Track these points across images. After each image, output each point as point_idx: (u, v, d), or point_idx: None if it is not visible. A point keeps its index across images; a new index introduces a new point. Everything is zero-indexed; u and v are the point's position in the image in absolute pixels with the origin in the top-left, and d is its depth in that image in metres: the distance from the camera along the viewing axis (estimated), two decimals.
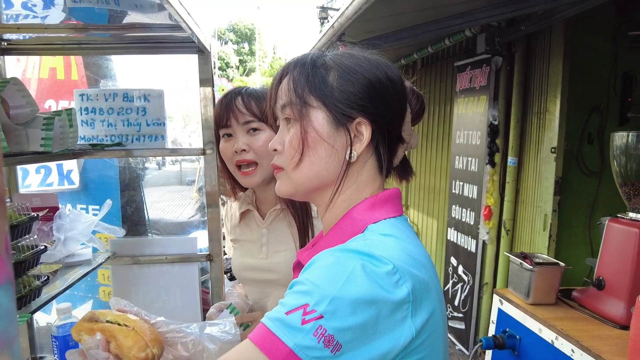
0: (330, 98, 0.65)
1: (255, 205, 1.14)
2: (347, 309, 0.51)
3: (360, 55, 0.68)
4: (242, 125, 1.03)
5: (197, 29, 1.13)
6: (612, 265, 1.59)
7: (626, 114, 2.46)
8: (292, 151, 0.67)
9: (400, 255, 0.58)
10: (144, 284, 1.39)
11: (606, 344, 1.40)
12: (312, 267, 0.58)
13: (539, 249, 2.54)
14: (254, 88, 1.07)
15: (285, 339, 0.51)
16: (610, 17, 2.38)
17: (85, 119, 1.32)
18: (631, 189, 1.62)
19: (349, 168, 0.66)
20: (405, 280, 0.55)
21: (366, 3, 1.81)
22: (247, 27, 29.43)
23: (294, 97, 0.66)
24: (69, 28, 1.15)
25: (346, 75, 0.65)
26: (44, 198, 1.20)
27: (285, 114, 0.69)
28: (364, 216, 0.66)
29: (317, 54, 0.69)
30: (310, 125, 0.65)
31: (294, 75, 0.68)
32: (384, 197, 0.68)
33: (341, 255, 0.57)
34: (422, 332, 0.56)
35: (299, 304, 0.53)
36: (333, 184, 0.67)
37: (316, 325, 0.51)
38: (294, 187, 0.69)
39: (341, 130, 0.65)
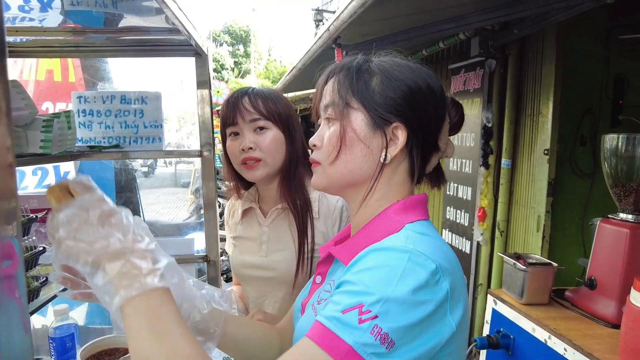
0: (370, 101, 0.69)
1: (258, 204, 1.15)
2: (401, 310, 0.55)
3: (404, 63, 0.72)
4: (249, 124, 1.05)
5: (195, 32, 1.14)
6: (604, 265, 1.61)
7: (618, 116, 2.50)
8: (330, 148, 0.71)
9: (438, 253, 0.62)
10: None
11: (598, 343, 1.42)
12: (361, 267, 0.61)
13: (532, 250, 2.57)
14: (261, 88, 1.09)
15: (345, 336, 0.54)
16: (602, 20, 2.41)
17: (83, 121, 1.33)
18: (622, 190, 1.64)
19: (383, 169, 0.70)
20: (445, 278, 0.59)
21: (361, 7, 1.83)
22: (242, 29, 29.42)
23: (336, 98, 0.71)
24: (66, 31, 1.16)
25: (388, 81, 0.69)
26: (42, 199, 1.20)
27: (327, 113, 0.73)
28: (400, 216, 0.70)
29: (364, 59, 0.73)
30: (350, 125, 0.70)
31: (339, 77, 0.72)
32: (416, 200, 0.72)
33: (391, 254, 0.60)
34: (459, 327, 0.61)
35: (354, 303, 0.56)
36: (365, 183, 0.71)
37: (372, 324, 0.54)
38: (328, 182, 0.73)
39: (378, 133, 0.69)
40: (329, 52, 2.81)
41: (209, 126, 1.29)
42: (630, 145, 1.60)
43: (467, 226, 3.09)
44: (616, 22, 2.41)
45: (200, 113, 1.28)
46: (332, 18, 2.34)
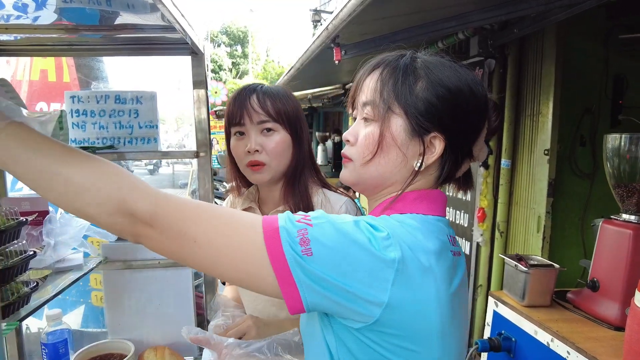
0: (412, 108, 0.67)
1: (257, 204, 1.12)
2: (334, 235, 0.58)
3: (450, 65, 0.69)
4: (256, 125, 1.00)
5: (191, 30, 1.11)
6: (606, 266, 1.59)
7: (617, 116, 2.49)
8: (365, 150, 0.69)
9: (404, 235, 0.61)
10: (137, 289, 1.37)
11: (601, 346, 1.40)
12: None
13: (532, 251, 2.55)
14: (269, 86, 1.05)
15: (280, 220, 0.61)
16: (602, 20, 2.40)
17: (76, 121, 1.30)
18: (624, 191, 1.62)
19: (416, 176, 0.69)
20: (397, 247, 0.59)
21: (361, 5, 1.80)
22: (240, 29, 29.39)
23: (378, 99, 0.68)
24: (59, 29, 1.13)
25: (433, 87, 0.67)
26: (34, 202, 1.18)
27: (365, 112, 0.70)
28: (404, 206, 0.69)
29: (410, 57, 0.70)
30: (388, 129, 0.68)
31: (383, 75, 0.69)
32: (429, 194, 0.71)
33: (350, 218, 0.62)
34: (398, 307, 0.58)
35: (305, 214, 0.63)
36: (391, 185, 0.71)
37: (303, 227, 0.59)
38: (357, 180, 0.73)
39: (415, 140, 0.68)
40: (327, 51, 2.79)
41: (205, 127, 1.26)
42: (634, 145, 1.58)
43: (466, 227, 3.07)
44: (616, 22, 2.40)
45: (196, 113, 1.26)
46: (331, 17, 2.32)
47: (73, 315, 1.98)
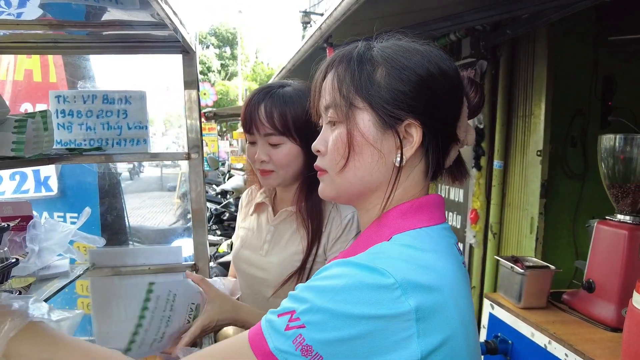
0: (377, 98, 0.60)
1: (273, 201, 1.14)
2: (332, 323, 0.50)
3: (411, 47, 0.63)
4: (263, 137, 1.01)
5: (182, 28, 1.08)
6: (602, 267, 1.59)
7: (607, 117, 2.50)
8: (337, 156, 0.63)
9: (408, 268, 0.54)
10: (125, 296, 1.31)
11: (599, 347, 1.39)
12: (316, 275, 0.56)
13: (526, 252, 2.55)
14: (282, 92, 1.01)
15: (269, 340, 0.53)
16: (592, 22, 2.42)
17: (62, 122, 1.25)
18: (619, 191, 1.62)
19: (399, 173, 0.62)
20: (409, 296, 0.51)
21: (355, 4, 1.78)
22: (228, 31, 29.24)
23: (338, 98, 0.62)
24: (43, 24, 1.08)
25: (395, 72, 0.60)
26: (17, 206, 1.12)
27: (329, 115, 0.64)
28: (392, 225, 0.62)
29: (365, 47, 0.64)
30: (356, 128, 0.61)
31: (338, 71, 0.63)
32: (419, 204, 0.63)
33: (342, 268, 0.55)
34: (434, 353, 0.52)
35: (289, 308, 0.54)
36: (377, 189, 0.64)
37: (296, 334, 0.52)
38: (337, 191, 0.66)
39: (389, 133, 0.61)
40: (320, 52, 2.77)
41: (197, 128, 1.22)
42: (628, 146, 1.58)
43: (459, 228, 3.07)
44: (605, 23, 2.42)
45: (187, 114, 1.22)
46: (324, 16, 2.30)
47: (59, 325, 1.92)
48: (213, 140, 10.70)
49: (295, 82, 1.07)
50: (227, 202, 5.47)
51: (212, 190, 6.73)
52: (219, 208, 5.23)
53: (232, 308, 0.93)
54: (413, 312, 0.51)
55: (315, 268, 1.02)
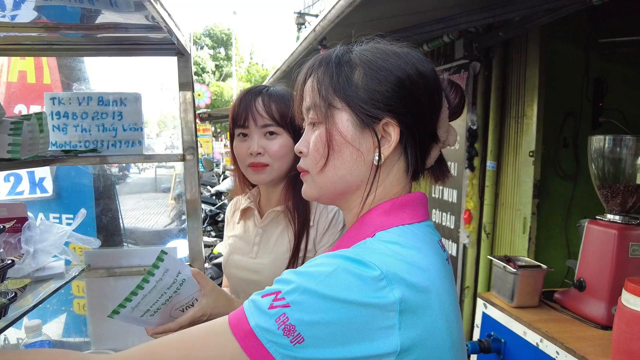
0: (354, 98, 0.62)
1: (258, 205, 1.14)
2: (317, 304, 0.51)
3: (389, 49, 0.65)
4: (260, 128, 1.01)
5: (177, 30, 1.08)
6: (592, 266, 1.61)
7: (598, 118, 2.54)
8: (317, 155, 0.65)
9: (395, 263, 0.55)
10: (121, 297, 1.32)
11: (590, 345, 1.41)
12: (303, 265, 0.57)
13: (518, 252, 2.58)
14: (275, 89, 1.04)
15: (250, 318, 0.53)
16: (583, 25, 2.45)
17: (57, 123, 1.25)
18: (609, 191, 1.65)
19: (378, 171, 0.64)
20: (394, 287, 0.52)
21: (349, 6, 1.80)
22: (223, 32, 29.19)
23: (317, 99, 0.64)
24: (38, 27, 1.09)
25: (372, 72, 0.62)
26: (11, 208, 1.12)
27: (310, 117, 0.66)
28: (375, 222, 0.63)
29: (343, 50, 0.66)
30: (335, 127, 0.63)
31: (318, 74, 0.65)
32: (401, 202, 0.65)
33: (329, 259, 0.55)
34: (413, 348, 0.53)
35: (274, 289, 0.55)
36: (358, 188, 0.65)
37: (280, 312, 0.52)
38: (319, 191, 0.67)
39: (367, 132, 0.63)
40: (314, 53, 2.77)
41: (192, 129, 1.23)
42: (617, 147, 1.60)
43: (453, 229, 3.09)
44: (596, 26, 2.45)
45: (182, 115, 1.23)
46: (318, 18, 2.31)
47: (54, 324, 1.91)
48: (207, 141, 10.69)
49: (282, 86, 1.09)
50: (221, 203, 5.46)
51: (207, 192, 6.72)
52: (214, 209, 5.22)
53: (227, 302, 0.93)
54: (397, 303, 0.52)
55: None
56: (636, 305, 1.20)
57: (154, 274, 0.81)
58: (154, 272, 0.81)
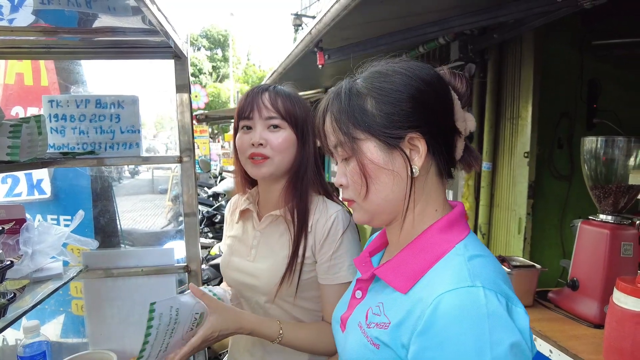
0: (374, 126, 0.66)
1: (257, 206, 1.13)
2: None
3: (389, 70, 0.68)
4: (264, 120, 1.02)
5: (174, 33, 1.10)
6: (585, 266, 1.63)
7: (592, 119, 2.56)
8: (357, 186, 0.68)
9: (497, 276, 0.61)
10: (119, 297, 1.33)
11: (582, 344, 1.43)
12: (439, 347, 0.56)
13: (514, 252, 2.60)
14: (282, 87, 1.06)
15: None
16: (576, 27, 2.48)
17: (55, 126, 1.26)
18: (601, 192, 1.67)
19: (415, 183, 0.67)
20: (517, 303, 0.59)
21: (344, 10, 1.81)
22: (220, 33, 29.19)
23: (341, 137, 0.68)
24: (36, 31, 1.10)
25: (382, 97, 0.66)
26: (9, 210, 1.13)
27: (339, 154, 0.70)
28: (447, 234, 0.67)
29: (349, 83, 0.69)
30: (365, 158, 0.67)
31: (333, 113, 0.69)
32: (457, 214, 0.69)
33: (467, 320, 0.55)
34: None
35: None
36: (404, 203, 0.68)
37: None
38: (370, 215, 0.71)
39: (396, 152, 0.66)
40: (310, 55, 2.80)
41: (188, 131, 1.24)
42: (609, 148, 1.62)
43: None
44: (589, 28, 2.48)
45: (179, 117, 1.24)
46: (314, 21, 2.33)
47: (52, 325, 1.92)
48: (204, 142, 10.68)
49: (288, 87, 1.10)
50: (218, 205, 5.46)
51: (204, 193, 6.72)
52: (211, 210, 5.22)
53: (235, 317, 0.94)
54: (527, 316, 0.60)
55: (305, 270, 1.02)
56: (627, 304, 1.22)
57: (152, 325, 0.83)
58: (152, 324, 0.83)
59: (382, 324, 0.65)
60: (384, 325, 0.65)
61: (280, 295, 1.03)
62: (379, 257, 0.81)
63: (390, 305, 0.66)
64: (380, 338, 0.64)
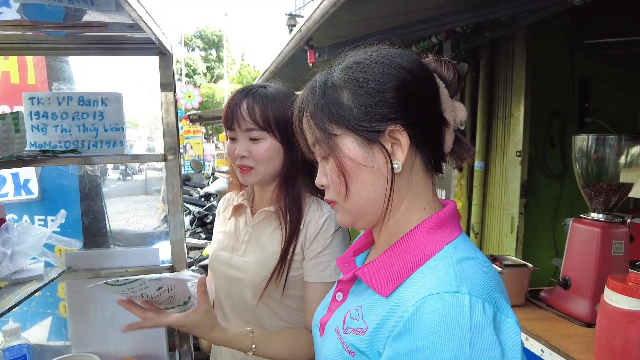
0: (351, 120, 0.61)
1: (251, 203, 1.13)
2: None
3: (366, 59, 0.63)
4: (244, 132, 1.01)
5: (157, 28, 1.07)
6: (577, 264, 1.62)
7: (584, 118, 2.57)
8: (336, 185, 0.64)
9: (488, 282, 0.57)
10: (103, 299, 1.30)
11: (574, 342, 1.42)
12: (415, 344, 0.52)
13: (507, 251, 2.59)
14: (266, 90, 1.03)
15: None
16: (568, 26, 2.48)
17: (36, 124, 1.23)
18: (592, 190, 1.66)
19: (399, 179, 0.63)
20: (506, 310, 0.56)
21: (333, 6, 1.80)
22: (214, 33, 29.11)
23: (317, 133, 0.64)
24: (14, 25, 1.07)
25: (359, 89, 0.61)
26: None
27: (318, 152, 0.66)
28: (435, 235, 0.62)
29: (324, 75, 0.65)
30: (343, 155, 0.62)
31: (310, 108, 0.64)
32: (448, 213, 0.65)
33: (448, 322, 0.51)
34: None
35: None
36: (389, 201, 0.64)
37: None
38: (352, 216, 0.67)
39: (376, 148, 0.61)
40: (301, 54, 2.78)
41: (173, 129, 1.22)
42: (600, 146, 1.62)
43: None
44: (580, 27, 2.48)
45: (164, 115, 1.22)
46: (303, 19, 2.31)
47: (39, 328, 1.88)
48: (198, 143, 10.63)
49: (276, 84, 1.08)
50: (210, 205, 5.42)
51: (197, 193, 6.67)
52: (202, 211, 5.18)
53: (209, 328, 0.91)
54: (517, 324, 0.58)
55: (293, 266, 1.01)
56: (617, 302, 1.21)
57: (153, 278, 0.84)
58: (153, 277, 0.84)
59: (359, 329, 0.61)
60: (361, 331, 0.60)
61: (267, 292, 1.02)
62: (364, 256, 0.77)
63: (370, 310, 0.61)
64: (356, 345, 0.60)
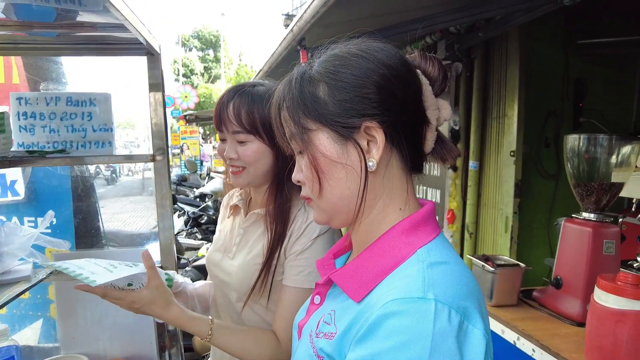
0: (326, 115, 0.59)
1: (247, 204, 1.13)
2: None
3: (345, 52, 0.61)
4: (232, 134, 1.01)
5: (144, 29, 1.07)
6: (569, 264, 1.62)
7: (579, 118, 2.57)
8: (311, 182, 0.63)
9: (459, 289, 0.54)
10: (92, 300, 1.29)
11: (565, 342, 1.42)
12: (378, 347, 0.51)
13: (501, 251, 2.59)
14: (252, 91, 1.01)
15: None
16: (561, 27, 2.48)
17: (24, 124, 1.22)
18: (584, 190, 1.66)
19: (374, 178, 0.61)
20: (475, 320, 0.53)
21: (323, 6, 1.79)
22: (211, 33, 29.07)
23: (293, 127, 0.62)
24: (6, 26, 1.07)
25: (336, 83, 0.59)
26: None
27: (294, 147, 0.64)
28: (408, 237, 0.60)
29: (302, 69, 0.63)
30: (316, 150, 0.61)
31: (287, 102, 0.63)
32: (424, 214, 0.62)
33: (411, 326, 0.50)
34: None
35: None
36: (363, 200, 0.62)
37: None
38: (327, 215, 0.65)
39: (350, 144, 0.60)
40: (294, 54, 2.77)
41: (162, 129, 1.21)
42: (592, 146, 1.62)
43: None
44: (574, 27, 2.49)
45: (152, 115, 1.21)
46: (295, 19, 2.31)
47: (29, 330, 1.87)
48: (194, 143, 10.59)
49: (269, 82, 1.07)
50: (204, 205, 5.40)
51: (192, 194, 6.65)
52: (197, 211, 5.16)
53: (164, 305, 0.90)
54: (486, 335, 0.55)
55: (278, 271, 1.00)
56: (607, 302, 1.21)
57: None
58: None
59: (329, 334, 0.60)
60: (331, 336, 0.59)
61: (252, 298, 1.01)
62: (344, 259, 0.75)
63: (342, 314, 0.60)
64: (325, 349, 0.59)
